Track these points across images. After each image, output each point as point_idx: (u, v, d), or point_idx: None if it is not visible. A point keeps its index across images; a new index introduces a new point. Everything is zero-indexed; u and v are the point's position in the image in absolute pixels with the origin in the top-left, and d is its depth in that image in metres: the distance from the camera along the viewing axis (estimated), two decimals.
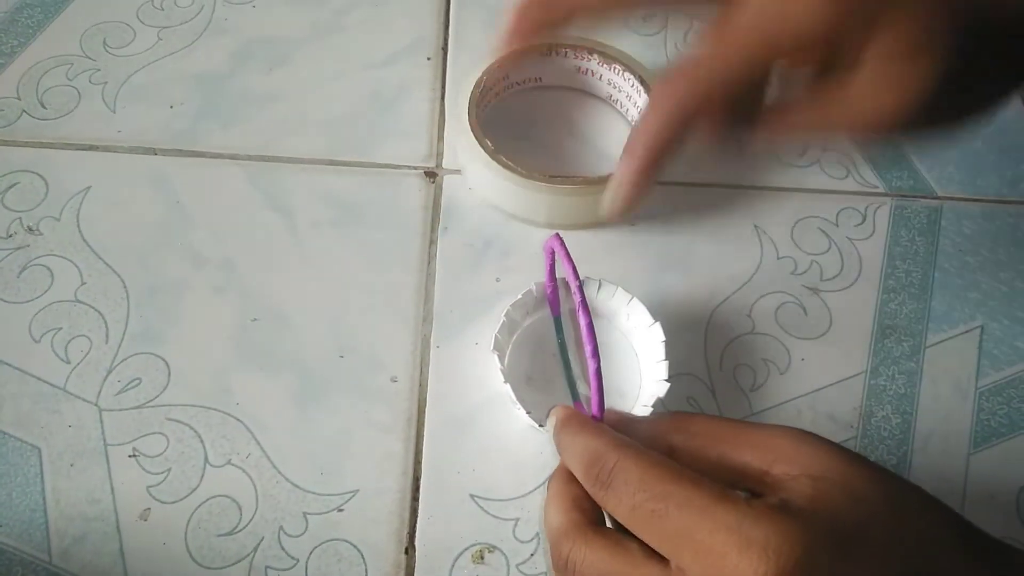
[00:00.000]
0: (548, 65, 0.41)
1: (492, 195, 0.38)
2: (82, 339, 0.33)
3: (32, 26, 0.42)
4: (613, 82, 0.40)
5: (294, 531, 0.30)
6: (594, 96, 0.42)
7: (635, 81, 0.39)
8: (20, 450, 0.31)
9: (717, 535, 0.19)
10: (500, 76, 0.39)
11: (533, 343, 0.34)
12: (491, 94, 0.40)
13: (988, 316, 0.37)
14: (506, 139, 0.37)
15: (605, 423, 0.25)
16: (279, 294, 0.35)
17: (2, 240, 0.35)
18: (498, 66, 0.39)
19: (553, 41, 0.39)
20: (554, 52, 0.40)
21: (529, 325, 0.34)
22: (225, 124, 0.39)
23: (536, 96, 0.42)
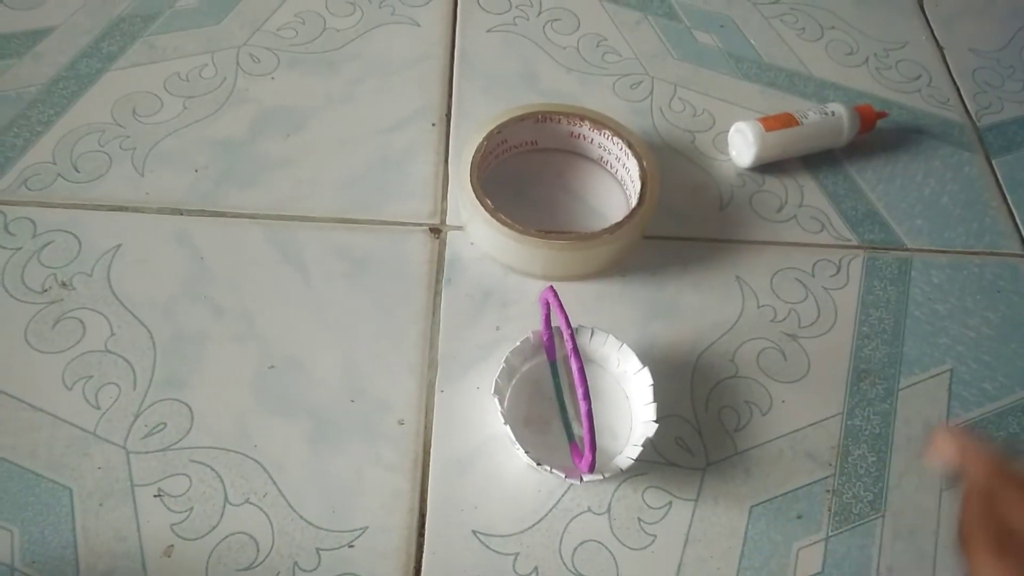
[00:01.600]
0: (543, 130, 0.44)
1: (492, 249, 0.41)
2: (111, 386, 0.35)
3: (67, 96, 0.45)
4: (603, 145, 0.44)
5: (308, 566, 0.32)
6: (586, 158, 0.45)
7: (623, 144, 0.42)
8: (53, 491, 0.33)
9: None
10: (499, 140, 0.43)
11: (531, 387, 0.36)
12: (491, 157, 0.43)
13: (957, 360, 0.40)
14: (505, 198, 0.40)
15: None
16: (294, 343, 0.37)
17: (37, 295, 0.38)
18: (497, 131, 0.42)
19: (546, 109, 0.43)
20: (548, 119, 0.43)
21: (527, 370, 0.37)
22: (245, 186, 0.42)
23: (532, 158, 0.45)
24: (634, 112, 0.48)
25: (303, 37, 0.49)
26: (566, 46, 0.51)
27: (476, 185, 0.40)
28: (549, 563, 0.33)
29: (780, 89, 0.50)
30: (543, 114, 0.43)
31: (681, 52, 0.51)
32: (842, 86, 0.51)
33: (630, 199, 0.43)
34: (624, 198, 0.44)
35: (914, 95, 0.51)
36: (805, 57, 0.52)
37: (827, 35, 0.54)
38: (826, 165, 0.47)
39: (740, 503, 0.35)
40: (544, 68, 0.49)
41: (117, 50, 0.48)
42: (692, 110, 0.48)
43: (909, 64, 0.53)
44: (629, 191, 0.43)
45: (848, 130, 0.46)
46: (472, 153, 0.41)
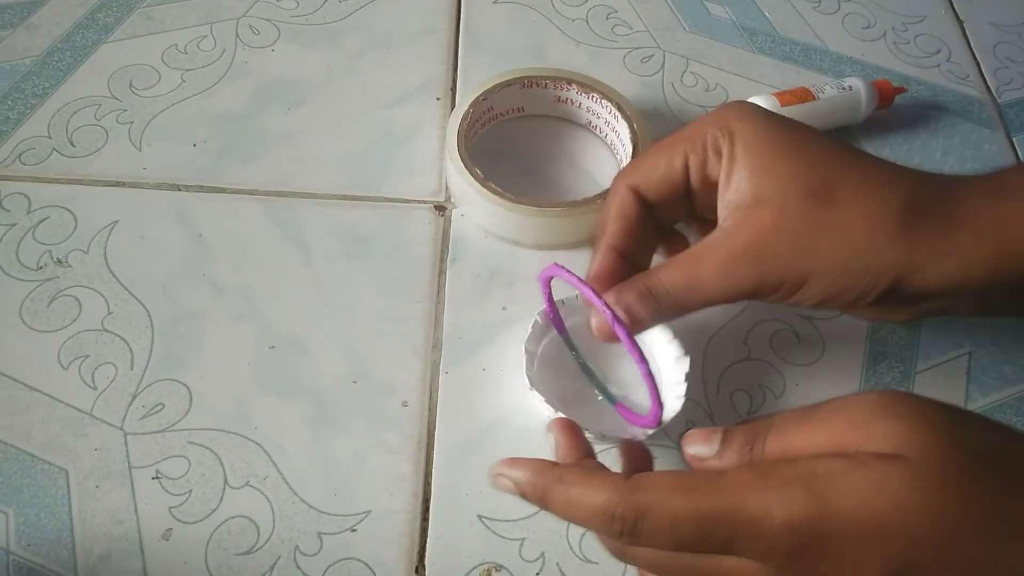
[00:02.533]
0: (529, 95, 0.43)
1: (483, 220, 0.40)
2: (108, 366, 0.35)
3: (62, 69, 0.44)
4: (592, 109, 0.43)
5: (309, 550, 0.31)
6: (574, 123, 0.44)
7: (612, 108, 0.41)
8: (49, 472, 0.32)
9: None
10: (485, 108, 0.42)
11: (552, 365, 0.35)
12: (477, 125, 0.42)
13: (976, 343, 0.39)
14: (493, 167, 0.39)
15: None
16: (295, 322, 0.36)
17: (32, 272, 0.37)
18: (483, 98, 0.41)
19: (532, 74, 0.42)
20: (534, 83, 0.42)
21: (543, 352, 0.36)
22: (245, 161, 0.41)
23: (519, 125, 0.44)
24: (645, 86, 0.46)
25: (304, 8, 0.48)
26: (575, 18, 0.49)
27: (464, 154, 0.39)
28: (556, 549, 0.32)
29: (795, 63, 0.49)
30: (529, 79, 0.42)
31: (693, 24, 0.50)
32: (859, 60, 0.49)
33: (620, 163, 0.42)
34: (615, 162, 0.43)
35: (933, 70, 0.50)
36: (821, 30, 0.51)
37: (844, 8, 0.52)
38: (843, 141, 0.45)
39: None
40: (552, 41, 0.48)
41: (114, 21, 0.47)
42: (705, 84, 0.47)
43: (928, 38, 0.51)
44: (620, 155, 0.42)
45: (866, 105, 0.44)
46: (459, 121, 0.40)
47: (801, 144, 0.28)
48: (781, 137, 0.28)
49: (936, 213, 0.27)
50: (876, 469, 0.20)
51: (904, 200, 0.27)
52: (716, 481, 0.21)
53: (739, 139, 0.28)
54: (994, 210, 0.27)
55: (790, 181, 0.27)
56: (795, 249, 0.26)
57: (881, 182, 0.27)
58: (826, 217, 0.26)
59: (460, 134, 0.40)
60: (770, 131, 0.28)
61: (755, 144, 0.28)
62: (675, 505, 0.21)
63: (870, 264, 0.26)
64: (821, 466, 0.20)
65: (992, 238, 0.26)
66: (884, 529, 0.20)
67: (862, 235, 0.26)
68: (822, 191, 0.27)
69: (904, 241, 0.26)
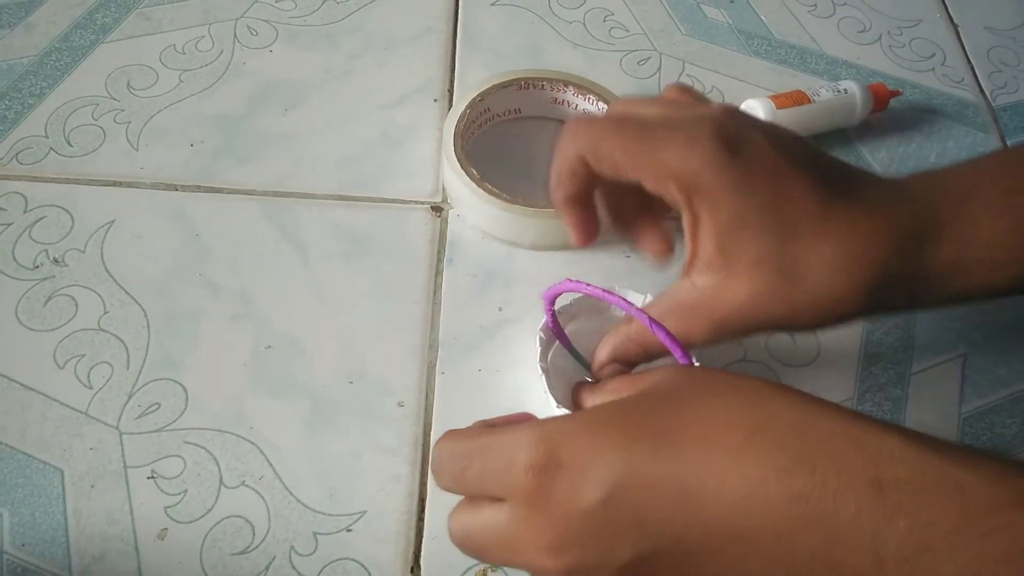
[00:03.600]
0: (526, 97, 0.43)
1: (479, 221, 0.40)
2: (104, 366, 0.35)
3: (60, 68, 0.44)
4: (588, 111, 0.43)
5: (304, 550, 0.31)
6: None
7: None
8: (43, 472, 0.32)
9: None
10: (482, 109, 0.42)
11: (564, 377, 0.35)
12: (474, 126, 0.42)
13: (971, 345, 0.39)
14: (489, 168, 0.39)
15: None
16: (292, 323, 0.36)
17: (29, 271, 0.37)
18: (479, 99, 0.41)
19: (529, 75, 0.42)
20: (531, 85, 0.42)
21: (551, 366, 0.35)
22: (242, 162, 0.41)
23: (516, 126, 0.44)
24: (641, 89, 0.46)
25: (302, 9, 0.48)
26: (572, 20, 0.49)
27: (461, 155, 0.39)
28: None
29: (791, 66, 0.49)
30: (526, 80, 0.42)
31: (690, 28, 0.50)
32: (854, 64, 0.50)
33: None
34: None
35: (928, 74, 0.50)
36: (817, 34, 0.51)
37: (839, 12, 0.53)
38: (838, 144, 0.46)
39: None
40: (549, 43, 0.48)
41: (112, 21, 0.47)
42: (701, 87, 0.47)
43: (923, 42, 0.52)
44: None
45: (861, 108, 0.44)
46: (455, 122, 0.40)
47: (771, 208, 0.27)
48: (751, 203, 0.27)
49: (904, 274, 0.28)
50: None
51: (874, 270, 0.27)
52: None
53: (704, 203, 0.27)
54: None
55: (761, 263, 0.27)
56: (772, 317, 0.28)
57: (853, 253, 0.27)
58: (799, 293, 0.27)
59: (457, 135, 0.40)
60: (738, 194, 0.27)
61: (722, 213, 0.27)
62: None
63: (842, 316, 0.29)
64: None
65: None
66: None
67: (834, 302, 0.28)
68: (792, 271, 0.27)
69: (868, 298, 0.28)
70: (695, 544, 0.21)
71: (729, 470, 0.21)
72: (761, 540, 0.20)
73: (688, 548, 0.21)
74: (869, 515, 0.19)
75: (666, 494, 0.21)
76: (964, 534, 0.18)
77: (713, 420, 0.22)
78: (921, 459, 0.20)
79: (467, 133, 0.41)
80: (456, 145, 0.39)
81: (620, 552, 0.21)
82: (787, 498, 0.20)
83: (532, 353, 0.33)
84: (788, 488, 0.20)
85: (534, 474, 0.22)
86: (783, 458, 0.20)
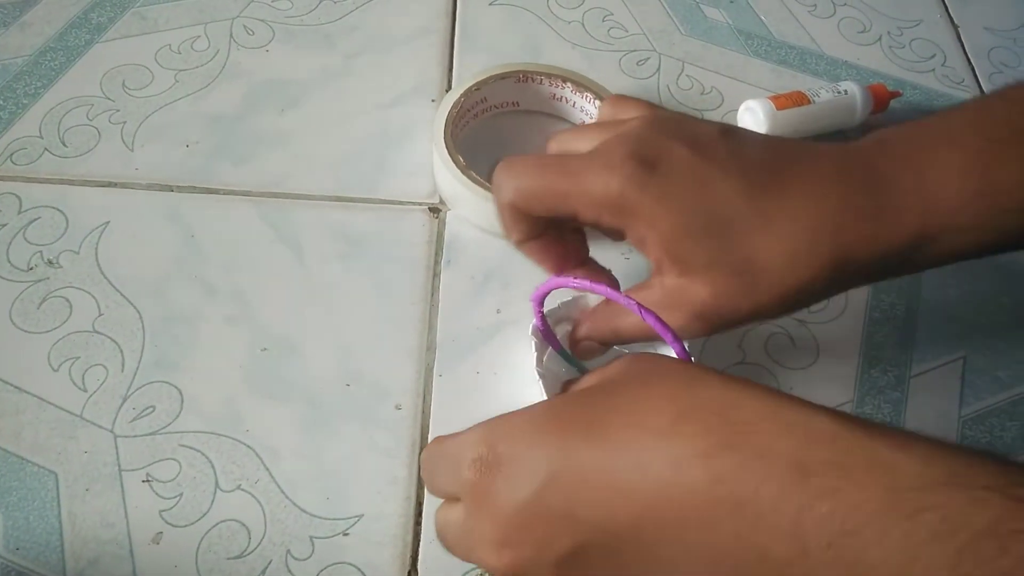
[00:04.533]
0: (525, 91, 0.43)
1: (464, 209, 0.39)
2: (99, 368, 0.34)
3: (55, 68, 0.44)
4: (585, 109, 0.43)
5: (301, 554, 0.31)
6: (567, 121, 0.44)
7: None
8: (38, 475, 0.32)
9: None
10: (478, 99, 0.42)
11: (559, 382, 0.35)
12: (469, 115, 0.42)
13: (970, 347, 0.39)
14: (482, 158, 0.39)
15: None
16: (288, 325, 0.36)
17: (23, 273, 0.37)
18: (476, 88, 0.41)
19: (528, 69, 0.42)
20: (530, 79, 0.42)
21: (548, 370, 0.35)
22: (238, 162, 0.41)
23: (513, 120, 0.44)
24: (641, 89, 0.46)
25: (299, 9, 0.48)
26: (571, 20, 0.49)
27: (449, 142, 0.39)
28: None
29: (791, 67, 0.49)
30: (524, 74, 0.42)
31: (689, 28, 0.50)
32: (855, 65, 0.49)
33: None
34: None
35: (928, 75, 0.50)
36: (817, 34, 0.51)
37: (839, 12, 0.52)
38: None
39: None
40: (548, 43, 0.48)
41: (107, 21, 0.46)
42: (700, 87, 0.47)
43: (923, 43, 0.51)
44: None
45: (861, 109, 0.44)
46: (448, 109, 0.40)
47: (703, 213, 0.27)
48: (684, 211, 0.27)
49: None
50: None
51: (830, 254, 0.27)
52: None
53: (640, 221, 0.27)
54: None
55: (714, 266, 0.27)
56: (740, 311, 0.28)
57: (801, 243, 0.27)
58: (760, 288, 0.27)
59: (448, 121, 0.39)
60: (669, 206, 0.27)
61: (661, 226, 0.27)
62: None
63: (809, 300, 0.29)
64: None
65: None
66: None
67: (796, 292, 0.27)
68: (747, 268, 0.27)
69: (831, 280, 0.28)
70: (626, 532, 0.20)
71: (655, 454, 0.20)
72: (685, 526, 0.19)
73: (620, 537, 0.20)
74: (790, 499, 0.18)
75: (596, 484, 0.21)
76: (891, 515, 0.17)
77: (644, 406, 0.21)
78: (849, 440, 0.19)
79: (460, 121, 0.40)
80: (446, 132, 0.39)
81: (556, 546, 0.21)
82: (709, 481, 0.19)
83: (528, 357, 0.33)
84: (710, 471, 0.19)
85: (476, 471, 0.22)
86: (708, 440, 0.20)
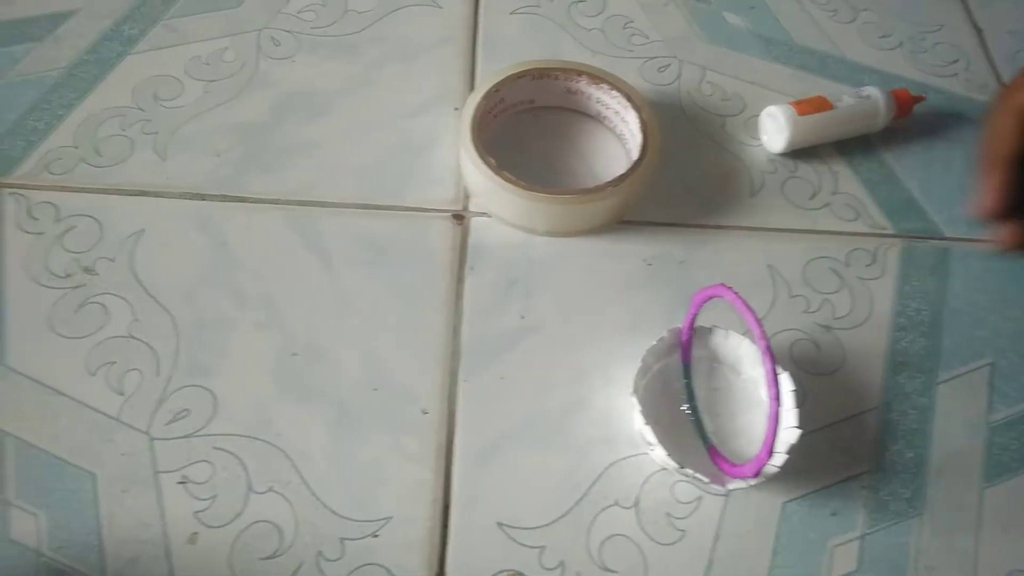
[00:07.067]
0: (540, 87, 0.44)
1: (496, 207, 0.40)
2: (135, 372, 0.35)
3: (88, 80, 0.45)
4: (601, 100, 0.43)
5: (332, 555, 0.31)
6: (584, 114, 0.45)
7: (621, 98, 0.42)
8: (76, 476, 0.33)
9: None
10: (497, 99, 0.42)
11: (660, 386, 0.35)
12: (489, 116, 0.43)
13: (998, 353, 0.39)
14: (507, 157, 0.40)
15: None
16: (317, 330, 0.37)
17: (60, 280, 0.38)
18: (495, 90, 0.42)
19: (543, 66, 0.43)
20: (545, 75, 0.43)
21: (659, 369, 0.35)
22: (267, 171, 0.42)
23: (530, 117, 0.45)
24: (662, 96, 0.47)
25: (324, 20, 0.49)
26: (591, 28, 0.50)
27: (477, 144, 0.39)
28: (576, 557, 0.32)
29: (812, 72, 0.49)
30: (539, 71, 0.42)
31: (710, 34, 0.50)
32: (876, 69, 0.49)
33: (631, 152, 0.42)
34: (624, 152, 0.43)
35: (951, 79, 0.49)
36: (838, 39, 0.51)
37: (860, 17, 0.52)
38: (861, 151, 0.45)
39: (772, 499, 0.34)
40: (569, 51, 0.48)
41: (138, 33, 0.47)
42: (722, 93, 0.47)
43: (946, 47, 0.51)
44: (629, 145, 0.42)
45: (884, 115, 0.44)
46: (472, 112, 0.40)
47: None
48: None
49: None
50: None
51: None
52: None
53: None
54: None
55: None
56: None
57: None
58: None
59: (474, 125, 0.40)
60: None
61: None
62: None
63: None
64: None
65: None
66: None
67: None
68: None
69: None
70: None
71: None
72: None
73: None
74: None
75: None
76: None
77: None
78: None
79: (483, 123, 0.41)
80: (473, 135, 0.40)
81: None
82: None
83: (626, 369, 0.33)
84: None
85: None
86: None
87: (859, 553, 0.33)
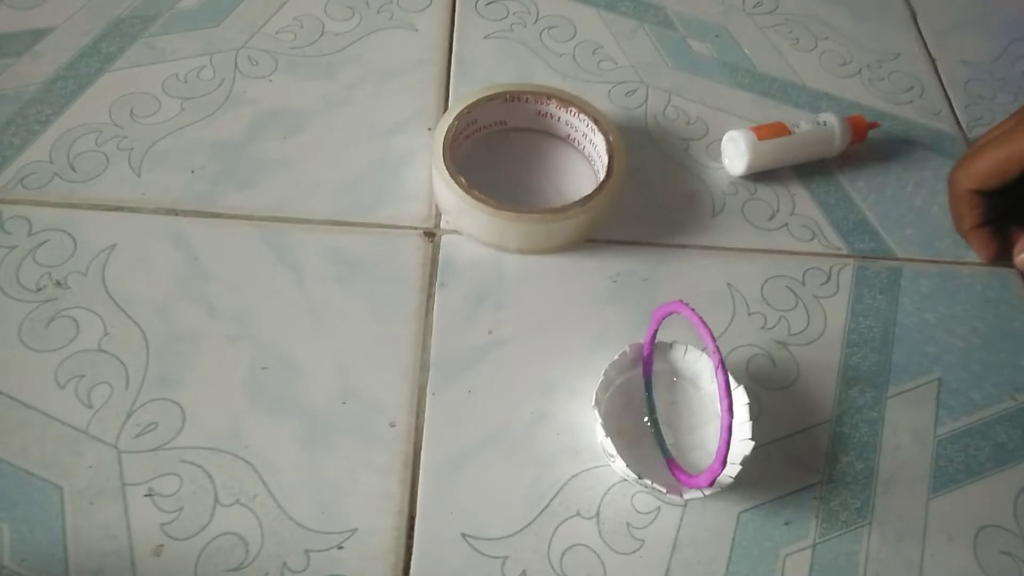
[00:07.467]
0: (512, 109, 0.45)
1: (466, 225, 0.41)
2: (104, 386, 0.36)
3: (65, 96, 0.46)
4: (570, 123, 0.45)
5: (297, 567, 0.32)
6: (554, 136, 0.46)
7: (590, 121, 0.43)
8: (43, 489, 0.33)
9: None
10: (469, 121, 0.44)
11: (623, 399, 0.36)
12: (461, 137, 0.44)
13: (945, 369, 0.40)
14: (478, 177, 0.41)
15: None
16: (288, 344, 0.37)
17: (32, 293, 0.38)
18: (467, 111, 0.43)
19: (514, 89, 0.44)
20: (516, 98, 0.44)
21: (621, 383, 0.37)
22: (241, 187, 0.43)
23: (502, 138, 0.46)
24: (629, 119, 0.48)
25: (301, 40, 0.50)
26: (562, 53, 0.51)
27: (449, 164, 0.41)
28: (538, 567, 0.33)
29: (773, 98, 0.51)
30: (511, 93, 0.44)
31: (676, 61, 0.52)
32: (835, 96, 0.51)
33: (598, 173, 0.43)
34: (592, 173, 0.45)
35: (906, 106, 0.52)
36: (799, 67, 0.53)
37: (821, 45, 0.54)
38: (818, 174, 0.47)
39: (728, 509, 0.35)
40: (540, 74, 0.50)
41: (116, 51, 0.48)
42: (686, 118, 0.49)
43: (902, 75, 0.53)
44: (597, 166, 0.44)
45: (840, 140, 0.46)
46: (444, 133, 0.42)
47: None
48: None
49: None
50: None
51: None
52: None
53: None
54: None
55: None
56: None
57: None
58: None
59: (445, 145, 0.41)
60: None
61: None
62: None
63: None
64: None
65: None
66: None
67: None
68: None
69: None
70: None
71: None
72: None
73: None
74: None
75: None
76: None
77: None
78: None
79: (455, 144, 0.42)
80: (445, 156, 0.41)
81: None
82: None
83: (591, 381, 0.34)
84: None
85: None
86: None
87: (811, 561, 0.34)
